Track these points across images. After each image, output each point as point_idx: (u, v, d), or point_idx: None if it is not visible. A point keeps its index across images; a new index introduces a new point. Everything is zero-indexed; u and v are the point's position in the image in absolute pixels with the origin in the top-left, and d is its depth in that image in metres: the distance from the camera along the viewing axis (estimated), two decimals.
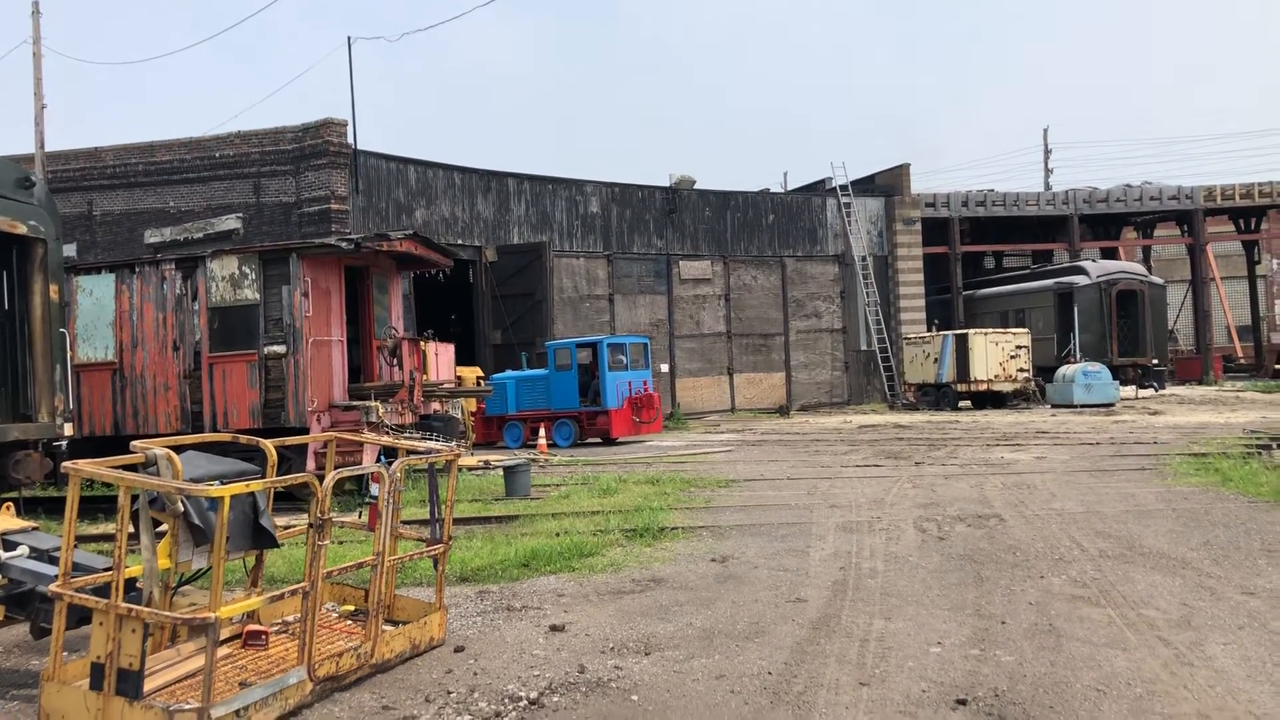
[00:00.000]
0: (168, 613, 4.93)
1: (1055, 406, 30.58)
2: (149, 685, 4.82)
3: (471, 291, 30.66)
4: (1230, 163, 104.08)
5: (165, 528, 5.19)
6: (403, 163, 28.70)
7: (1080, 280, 36.44)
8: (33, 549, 5.85)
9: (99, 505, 12.99)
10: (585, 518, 10.94)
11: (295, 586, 5.22)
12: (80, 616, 4.94)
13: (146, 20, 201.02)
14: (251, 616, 5.85)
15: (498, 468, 15.78)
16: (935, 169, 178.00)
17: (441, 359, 18.00)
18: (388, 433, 13.58)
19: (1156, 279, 38.67)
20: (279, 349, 13.84)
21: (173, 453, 5.15)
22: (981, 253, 45.69)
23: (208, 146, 26.89)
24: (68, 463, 4.90)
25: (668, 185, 35.76)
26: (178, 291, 14.43)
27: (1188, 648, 5.60)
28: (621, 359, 24.59)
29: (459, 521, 10.50)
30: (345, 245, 14.36)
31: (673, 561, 8.57)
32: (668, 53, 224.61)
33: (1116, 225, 46.69)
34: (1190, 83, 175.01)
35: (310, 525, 5.12)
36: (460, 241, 29.38)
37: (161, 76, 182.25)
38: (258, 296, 13.99)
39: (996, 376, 32.18)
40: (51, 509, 12.50)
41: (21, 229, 9.47)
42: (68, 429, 10.09)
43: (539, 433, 22.66)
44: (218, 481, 5.05)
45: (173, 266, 14.62)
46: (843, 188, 38.52)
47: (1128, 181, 45.22)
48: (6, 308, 9.82)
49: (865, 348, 38.55)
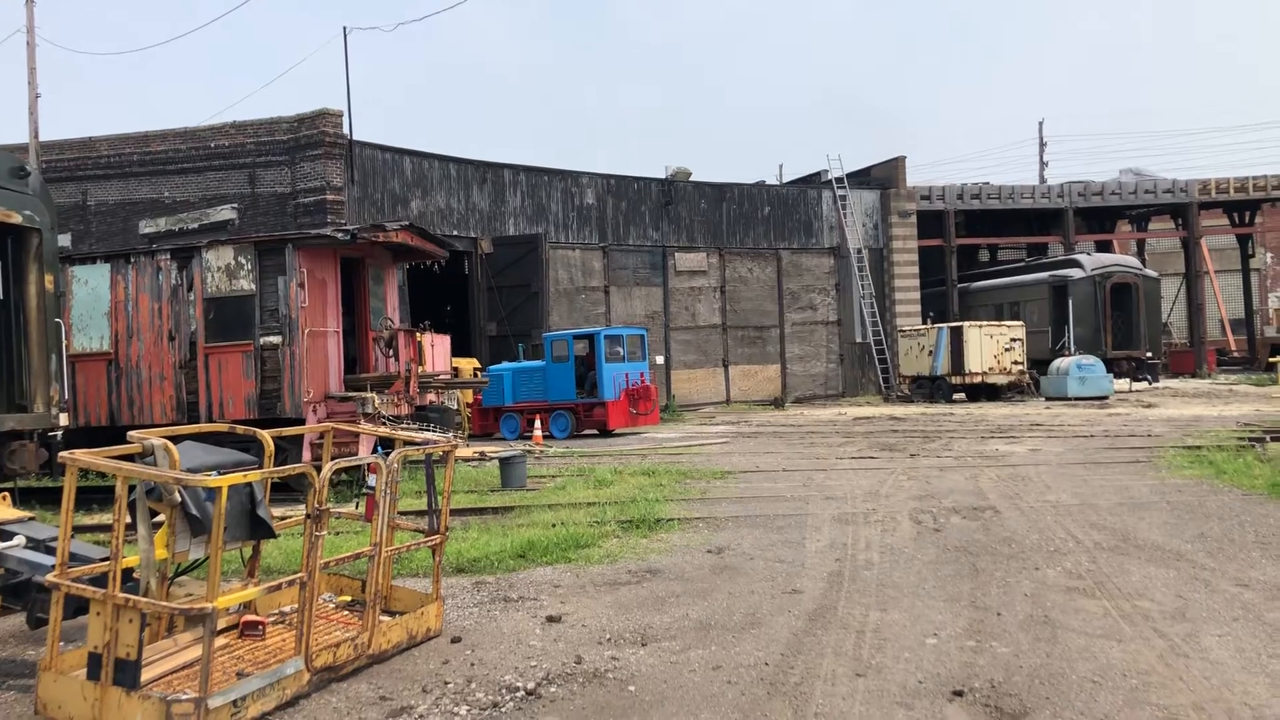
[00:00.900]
0: (165, 603, 4.93)
1: (1049, 399, 30.63)
2: (146, 675, 4.82)
3: (467, 283, 30.65)
4: (1225, 156, 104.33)
5: (162, 518, 5.19)
6: (398, 153, 28.62)
7: (1075, 273, 36.50)
8: (29, 539, 5.85)
9: (95, 496, 12.97)
10: (581, 509, 10.95)
11: (292, 577, 5.22)
12: (77, 606, 4.93)
13: (141, 9, 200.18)
14: (249, 607, 5.85)
15: (494, 459, 15.78)
16: (931, 162, 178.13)
17: (437, 350, 18.00)
18: (384, 424, 13.56)
19: (1151, 272, 38.73)
20: (275, 339, 13.82)
21: (170, 443, 5.14)
22: (976, 245, 45.75)
23: (203, 137, 26.79)
24: (65, 453, 4.89)
25: (664, 177, 35.73)
26: (173, 282, 14.40)
27: (1183, 639, 5.62)
28: (618, 350, 24.56)
29: (455, 512, 10.51)
30: (341, 236, 14.33)
31: (669, 553, 8.58)
32: (665, 45, 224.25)
33: (1111, 218, 46.76)
34: (1187, 77, 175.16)
35: (307, 516, 5.12)
36: (456, 233, 29.35)
37: (156, 67, 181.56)
38: (253, 287, 13.97)
39: (991, 369, 32.22)
40: (46, 500, 12.46)
41: (16, 219, 9.45)
42: (63, 419, 10.09)
43: (535, 424, 22.65)
44: (215, 472, 5.04)
45: (168, 257, 14.59)
46: (838, 180, 38.49)
47: (1127, 168, 45.20)
48: (1, 298, 9.80)
49: (860, 340, 38.57)
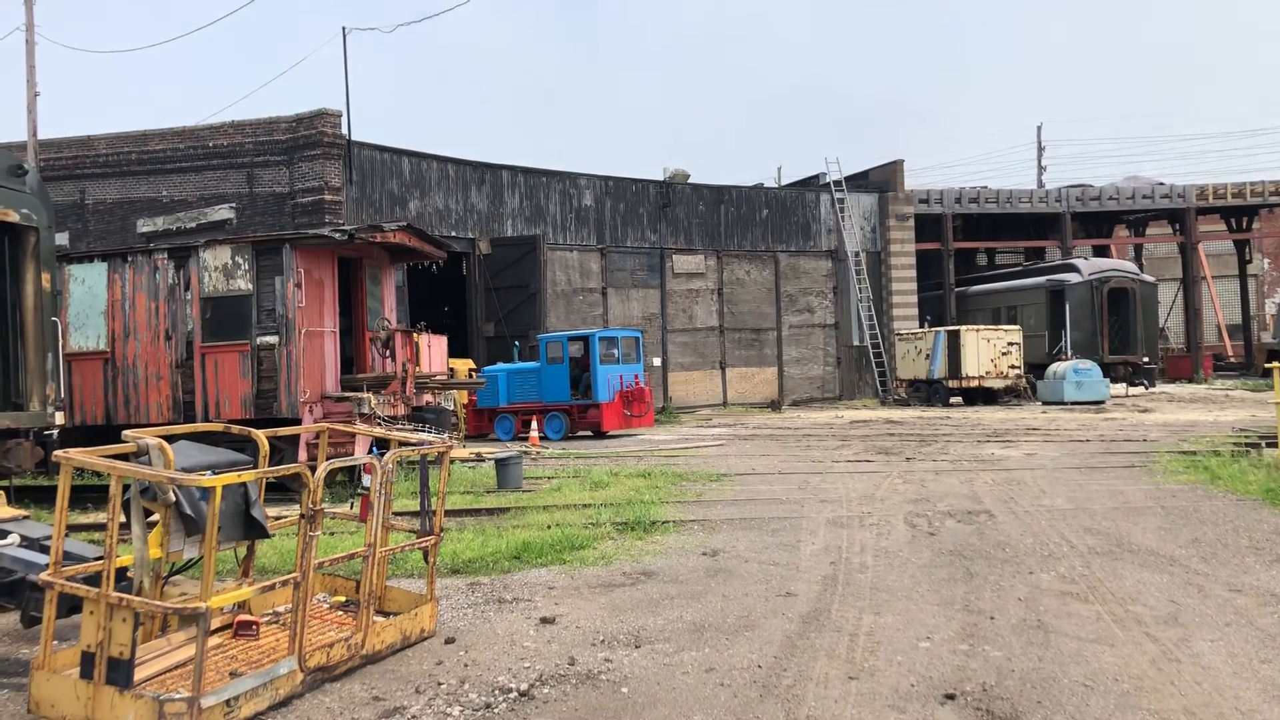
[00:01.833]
0: (159, 602, 4.93)
1: (1046, 403, 30.66)
2: (139, 674, 4.82)
3: (465, 284, 30.65)
4: (1222, 162, 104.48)
5: (156, 517, 5.19)
6: (397, 154, 28.62)
7: (1072, 278, 36.56)
8: (23, 537, 5.84)
9: (90, 495, 12.96)
10: (576, 510, 10.95)
11: (286, 577, 5.22)
12: (71, 605, 4.93)
13: (141, 9, 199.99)
14: (242, 606, 5.85)
15: (489, 460, 15.78)
16: (929, 165, 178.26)
17: (434, 351, 17.98)
18: (380, 424, 13.56)
19: (1148, 277, 38.81)
20: (271, 339, 13.81)
21: (165, 442, 5.14)
22: (974, 249, 45.82)
23: (201, 136, 26.79)
24: (59, 451, 4.89)
25: (662, 179, 35.76)
26: (170, 281, 14.39)
27: (1175, 644, 5.63)
28: (613, 353, 24.57)
29: (450, 513, 10.50)
30: (339, 236, 14.33)
31: (664, 555, 8.58)
32: (664, 47, 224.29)
33: (1109, 223, 46.88)
34: (1184, 82, 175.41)
35: (302, 516, 5.12)
36: (454, 234, 29.36)
37: (156, 66, 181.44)
38: (251, 287, 13.96)
39: (988, 373, 32.26)
40: (41, 498, 12.46)
41: (14, 217, 9.44)
42: (59, 418, 10.07)
43: (532, 425, 22.65)
44: (210, 471, 5.04)
45: (165, 256, 14.58)
46: (836, 183, 38.54)
47: (1127, 176, 45.28)
48: None
49: (857, 343, 38.61)
